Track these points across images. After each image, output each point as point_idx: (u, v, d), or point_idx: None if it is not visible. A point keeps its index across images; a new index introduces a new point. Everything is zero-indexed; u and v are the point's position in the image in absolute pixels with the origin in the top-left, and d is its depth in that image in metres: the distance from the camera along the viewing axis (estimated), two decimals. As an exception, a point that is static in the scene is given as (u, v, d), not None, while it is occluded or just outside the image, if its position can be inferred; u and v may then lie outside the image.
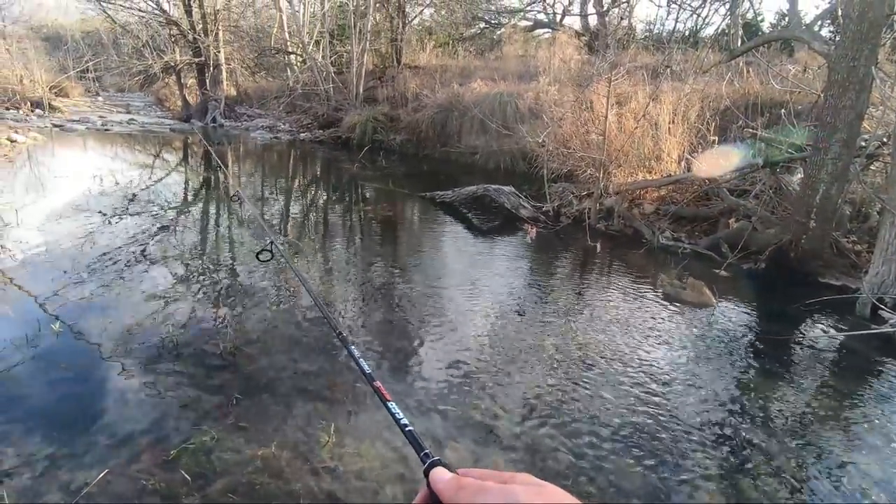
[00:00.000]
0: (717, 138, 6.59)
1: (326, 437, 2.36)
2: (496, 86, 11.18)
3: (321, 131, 14.02)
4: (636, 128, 6.40)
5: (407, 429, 0.58)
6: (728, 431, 2.67)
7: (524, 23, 19.92)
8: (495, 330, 3.64)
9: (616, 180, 6.52)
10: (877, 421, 2.83)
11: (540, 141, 7.15)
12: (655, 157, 6.66)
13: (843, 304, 4.29)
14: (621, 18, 16.59)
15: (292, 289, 4.13)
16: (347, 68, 14.81)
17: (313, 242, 5.65)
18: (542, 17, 19.87)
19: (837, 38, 4.47)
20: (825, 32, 11.97)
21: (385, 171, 10.05)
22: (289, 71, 17.00)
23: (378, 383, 0.73)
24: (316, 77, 14.94)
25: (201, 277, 4.27)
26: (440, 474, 0.44)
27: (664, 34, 15.47)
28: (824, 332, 3.99)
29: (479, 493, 0.39)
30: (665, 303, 4.26)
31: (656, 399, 2.90)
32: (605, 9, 16.33)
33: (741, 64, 8.83)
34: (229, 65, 17.55)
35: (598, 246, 5.50)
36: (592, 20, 17.57)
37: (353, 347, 0.89)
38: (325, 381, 2.88)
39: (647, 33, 17.07)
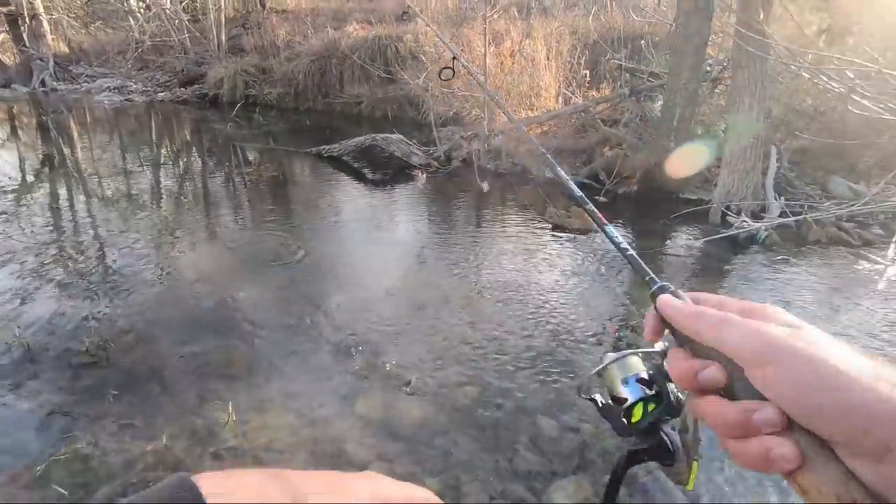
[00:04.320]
0: (588, 72, 6.91)
1: (226, 416, 2.22)
2: (373, 28, 10.61)
3: (183, 89, 12.44)
4: (512, 64, 6.48)
5: (627, 252, 0.53)
6: (612, 338, 2.96)
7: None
8: (399, 280, 3.61)
9: (500, 119, 6.62)
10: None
11: (422, 84, 6.98)
12: (535, 94, 6.84)
13: (700, 214, 4.86)
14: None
15: (172, 266, 3.72)
16: (204, 15, 13.10)
17: (195, 215, 5.10)
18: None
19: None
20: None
21: (263, 128, 9.27)
22: (131, 20, 14.63)
23: (591, 206, 0.63)
24: (167, 26, 13.05)
25: (52, 268, 3.67)
26: (669, 300, 0.40)
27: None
28: (684, 240, 4.51)
29: (723, 326, 0.34)
30: (554, 232, 4.52)
31: (552, 320, 3.11)
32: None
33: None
34: (51, 14, 14.65)
35: (487, 185, 5.61)
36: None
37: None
38: (220, 358, 2.68)
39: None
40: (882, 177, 4.92)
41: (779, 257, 4.05)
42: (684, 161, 5.01)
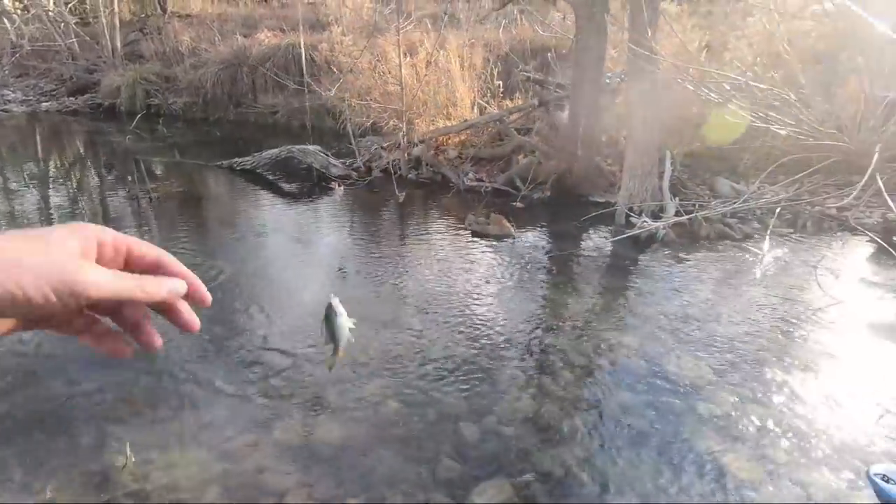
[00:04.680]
0: (501, 83, 7.17)
1: (123, 458, 2.03)
2: (286, 36, 10.31)
3: (73, 98, 11.33)
4: (426, 75, 6.58)
5: None
6: (529, 340, 3.08)
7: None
8: (319, 296, 3.52)
9: (419, 129, 6.69)
10: (635, 308, 3.57)
11: (336, 94, 6.90)
12: (452, 104, 6.98)
13: (607, 216, 5.20)
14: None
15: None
16: (94, 18, 12.03)
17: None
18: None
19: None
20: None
21: (168, 140, 8.66)
22: (6, 22, 13.09)
23: None
24: (49, 29, 11.83)
25: None
26: None
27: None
28: (594, 241, 4.81)
29: None
30: (473, 239, 4.63)
31: (472, 327, 3.17)
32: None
33: (516, 12, 9.66)
34: None
35: (403, 196, 5.56)
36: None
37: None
38: (117, 395, 2.46)
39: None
40: (757, 177, 5.55)
41: (675, 253, 4.43)
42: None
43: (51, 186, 6.42)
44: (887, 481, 1.68)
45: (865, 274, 4.02)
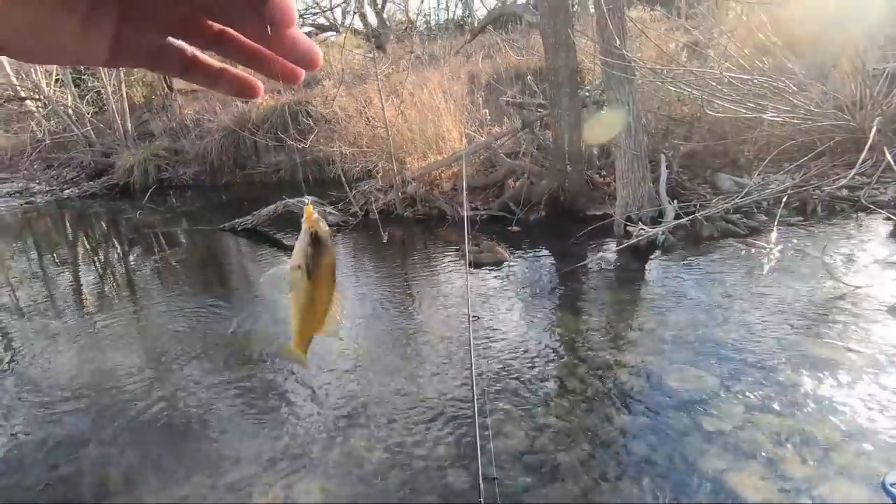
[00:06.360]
0: (487, 111, 7.23)
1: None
2: (282, 97, 10.73)
3: (91, 183, 11.95)
4: (401, 113, 6.71)
5: None
6: (521, 371, 2.94)
7: (305, 29, 19.45)
8: (322, 345, 3.47)
9: (412, 167, 6.75)
10: (635, 322, 3.40)
11: (324, 145, 7.07)
12: (441, 139, 7.05)
13: (605, 228, 5.06)
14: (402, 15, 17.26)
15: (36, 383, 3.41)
16: (104, 105, 12.82)
17: (73, 317, 4.76)
18: (322, 21, 19.63)
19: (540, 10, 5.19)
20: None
21: (178, 210, 8.99)
22: (31, 121, 14.08)
23: None
24: (66, 122, 12.64)
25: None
26: None
27: (438, 24, 16.58)
28: (592, 256, 4.66)
29: None
30: (470, 269, 4.55)
31: (459, 364, 3.06)
32: (380, 6, 16.76)
33: (499, 41, 9.86)
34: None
35: (386, 236, 5.44)
36: (373, 19, 17.93)
37: None
38: (93, 478, 2.43)
39: (426, 24, 18.01)
40: (760, 168, 5.35)
41: (677, 258, 4.25)
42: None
43: (63, 274, 6.68)
44: (905, 490, 1.49)
45: (883, 255, 3.76)
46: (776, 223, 4.50)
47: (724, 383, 2.56)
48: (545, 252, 4.91)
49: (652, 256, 4.42)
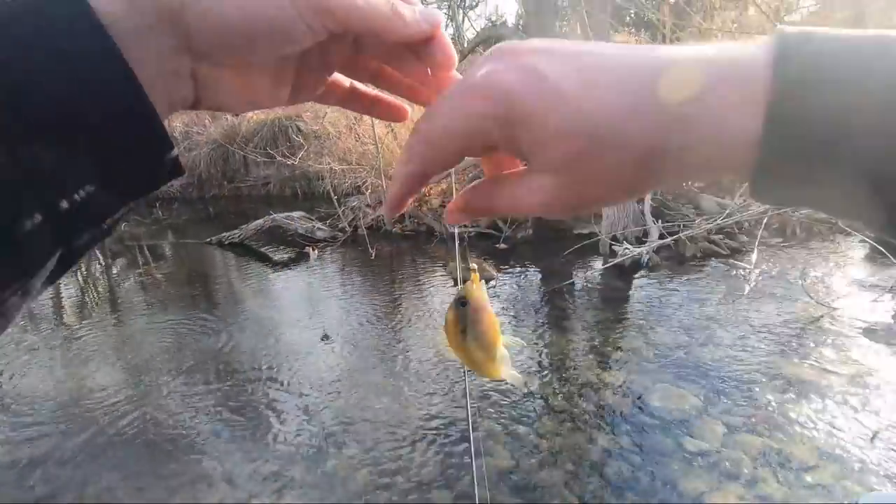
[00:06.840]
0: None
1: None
2: (272, 111, 10.76)
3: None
4: (391, 130, 6.78)
5: None
6: (504, 391, 2.95)
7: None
8: (306, 361, 3.45)
9: (400, 183, 6.81)
10: (618, 341, 3.44)
11: (312, 161, 7.10)
12: (430, 155, 7.13)
13: (591, 246, 5.13)
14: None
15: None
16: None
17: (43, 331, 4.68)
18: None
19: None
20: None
21: (164, 222, 8.91)
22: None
23: None
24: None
25: None
26: None
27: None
28: (577, 275, 4.71)
29: None
30: (456, 287, 4.57)
31: (445, 381, 3.06)
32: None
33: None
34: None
35: (374, 253, 5.47)
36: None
37: None
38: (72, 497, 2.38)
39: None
40: (742, 189, 5.48)
41: (660, 277, 4.32)
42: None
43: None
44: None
45: (859, 276, 3.86)
46: (756, 244, 4.60)
47: (706, 403, 2.60)
48: (532, 270, 4.95)
49: (637, 276, 4.48)
